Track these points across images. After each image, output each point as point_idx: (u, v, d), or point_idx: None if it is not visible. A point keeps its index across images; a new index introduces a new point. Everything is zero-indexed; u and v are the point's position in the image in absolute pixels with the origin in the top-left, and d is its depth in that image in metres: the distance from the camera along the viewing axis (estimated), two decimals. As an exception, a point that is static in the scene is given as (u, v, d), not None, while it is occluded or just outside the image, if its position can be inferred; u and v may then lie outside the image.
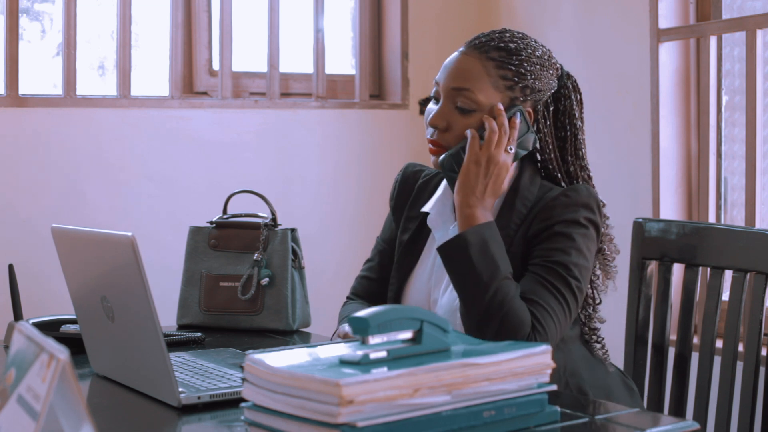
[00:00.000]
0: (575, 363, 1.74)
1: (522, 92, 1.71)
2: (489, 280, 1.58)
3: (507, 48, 1.71)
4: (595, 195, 1.71)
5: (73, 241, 1.63)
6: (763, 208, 2.74)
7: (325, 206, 3.31)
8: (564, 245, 1.65)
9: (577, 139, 1.77)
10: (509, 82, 1.70)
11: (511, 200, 1.72)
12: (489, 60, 1.70)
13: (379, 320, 1.18)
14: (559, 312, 1.62)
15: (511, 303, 1.57)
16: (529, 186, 1.72)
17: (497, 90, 1.70)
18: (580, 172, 1.77)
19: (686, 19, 2.95)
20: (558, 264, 1.64)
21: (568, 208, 1.67)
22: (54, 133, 2.93)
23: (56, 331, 1.86)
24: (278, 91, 3.26)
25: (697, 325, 2.34)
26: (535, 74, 1.71)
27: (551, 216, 1.67)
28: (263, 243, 2.15)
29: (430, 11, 3.47)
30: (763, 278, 1.82)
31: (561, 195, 1.69)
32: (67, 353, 0.92)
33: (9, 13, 2.88)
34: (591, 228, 1.68)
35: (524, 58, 1.71)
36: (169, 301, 2.16)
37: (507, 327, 1.55)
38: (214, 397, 1.45)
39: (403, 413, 1.12)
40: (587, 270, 1.67)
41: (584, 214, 1.68)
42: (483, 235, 1.61)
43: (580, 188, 1.70)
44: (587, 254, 1.67)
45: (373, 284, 1.90)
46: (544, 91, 1.73)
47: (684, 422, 1.33)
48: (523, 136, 1.71)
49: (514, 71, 1.70)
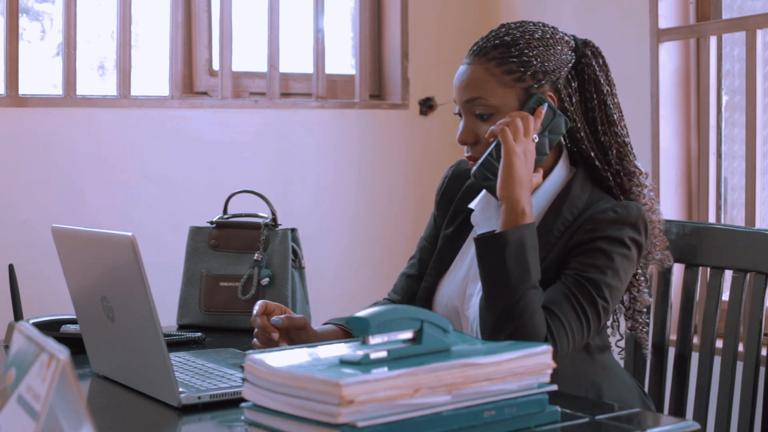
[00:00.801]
0: (597, 373, 1.73)
1: (534, 79, 1.68)
2: (516, 286, 1.56)
3: (504, 42, 1.69)
4: (644, 214, 1.67)
5: (73, 241, 1.63)
6: (763, 208, 2.74)
7: (325, 206, 3.31)
8: (602, 263, 1.62)
9: (606, 104, 1.72)
10: (516, 74, 1.67)
11: (559, 205, 1.68)
12: (490, 61, 1.68)
13: (380, 320, 1.18)
14: (576, 330, 1.59)
15: (531, 314, 1.55)
16: (579, 193, 1.68)
17: (507, 87, 1.67)
18: (613, 142, 1.71)
19: (686, 19, 2.95)
20: (590, 281, 1.61)
21: (614, 224, 1.64)
22: (54, 133, 2.93)
23: (56, 331, 1.86)
24: (278, 91, 3.26)
25: (697, 325, 2.33)
26: (541, 56, 1.68)
27: (596, 229, 1.63)
28: (263, 243, 2.15)
29: (430, 11, 3.47)
30: (763, 278, 1.82)
31: (610, 210, 1.65)
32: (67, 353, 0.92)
33: (9, 13, 2.88)
34: (633, 249, 1.65)
35: (523, 46, 1.68)
36: (169, 301, 2.16)
37: (521, 335, 1.54)
38: (214, 397, 1.45)
39: (403, 413, 1.12)
40: (619, 291, 1.64)
41: (629, 233, 1.64)
42: (522, 238, 1.57)
43: (631, 206, 1.66)
44: (622, 276, 1.64)
45: (411, 281, 1.88)
46: (558, 69, 1.69)
47: (684, 422, 1.33)
48: (552, 122, 1.66)
49: (517, 62, 1.68)
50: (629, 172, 1.72)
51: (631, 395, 1.76)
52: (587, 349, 1.72)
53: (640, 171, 1.73)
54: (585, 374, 1.70)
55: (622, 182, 1.71)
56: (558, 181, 1.72)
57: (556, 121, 1.67)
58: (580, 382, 1.69)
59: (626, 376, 1.80)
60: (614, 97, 1.74)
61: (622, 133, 1.73)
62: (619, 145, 1.72)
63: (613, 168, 1.71)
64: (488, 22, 3.46)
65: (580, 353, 1.70)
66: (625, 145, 1.73)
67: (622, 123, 1.74)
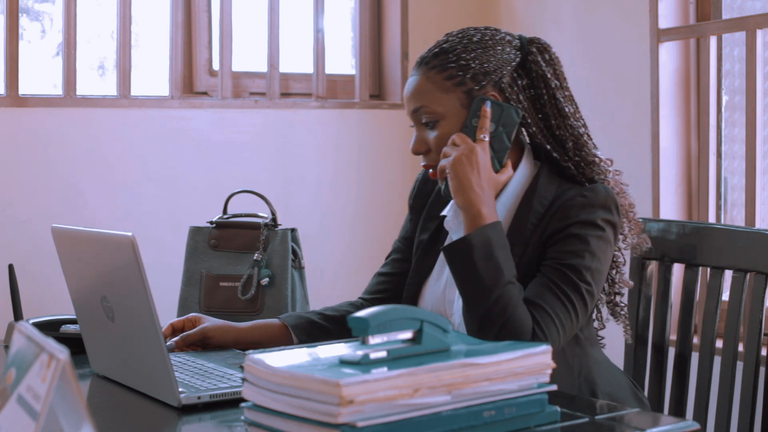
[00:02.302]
0: (590, 367, 1.73)
1: (474, 81, 1.69)
2: (492, 285, 1.57)
3: (443, 50, 1.72)
4: (613, 194, 1.69)
5: (73, 241, 1.63)
6: (763, 208, 2.74)
7: (325, 206, 3.31)
8: (578, 248, 1.63)
9: (556, 98, 1.73)
10: (456, 78, 1.69)
11: (528, 200, 1.70)
12: (431, 70, 1.71)
13: (379, 320, 1.18)
14: (564, 318, 1.60)
15: (513, 309, 1.56)
16: (547, 185, 1.70)
17: (448, 92, 1.70)
18: (568, 134, 1.72)
19: (686, 19, 2.95)
20: (570, 267, 1.62)
21: (585, 208, 1.65)
22: (54, 133, 2.93)
23: (56, 331, 1.86)
24: (278, 91, 3.26)
25: (697, 325, 2.33)
26: (480, 58, 1.70)
27: (567, 216, 1.65)
28: (263, 243, 2.15)
29: (430, 11, 3.47)
30: (763, 278, 1.82)
31: (578, 195, 1.66)
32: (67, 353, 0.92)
33: (9, 13, 2.88)
34: (608, 229, 1.66)
35: (461, 50, 1.70)
36: (169, 301, 2.16)
37: (507, 332, 1.55)
38: (214, 397, 1.45)
39: (403, 413, 1.12)
40: (600, 273, 1.65)
41: (601, 215, 1.65)
42: (487, 238, 1.59)
43: (598, 188, 1.68)
44: (601, 257, 1.65)
45: (383, 278, 1.90)
46: (499, 68, 1.71)
47: (684, 422, 1.33)
48: (502, 116, 1.68)
49: (455, 67, 1.70)
50: (589, 161, 1.73)
51: (624, 389, 1.77)
52: (579, 343, 1.72)
53: (601, 159, 1.75)
54: (578, 369, 1.71)
55: (584, 171, 1.72)
56: (524, 177, 1.73)
57: (506, 114, 1.69)
58: (574, 376, 1.70)
59: (616, 370, 1.81)
60: (565, 90, 1.75)
61: (576, 125, 1.74)
62: (575, 137, 1.73)
63: (573, 159, 1.72)
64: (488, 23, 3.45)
65: (573, 348, 1.70)
66: (581, 137, 1.74)
67: (577, 115, 1.75)
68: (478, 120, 1.67)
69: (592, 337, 1.77)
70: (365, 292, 1.93)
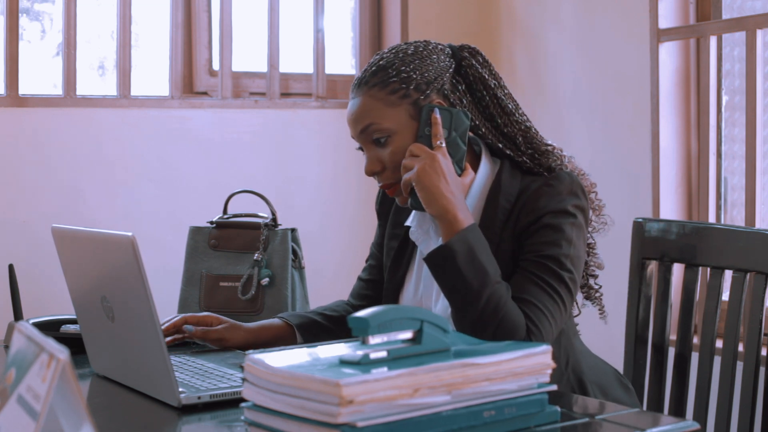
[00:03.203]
0: (576, 357, 1.74)
1: (418, 91, 1.69)
2: (480, 288, 1.57)
3: (380, 67, 1.71)
4: (577, 179, 1.70)
5: (73, 241, 1.63)
6: (763, 208, 2.74)
7: (325, 206, 3.31)
8: (553, 237, 1.64)
9: (497, 97, 1.74)
10: (400, 91, 1.69)
11: (494, 196, 1.70)
12: (372, 88, 1.70)
13: (379, 320, 1.18)
14: (554, 309, 1.61)
15: (504, 309, 1.56)
16: (510, 181, 1.70)
17: (395, 106, 1.69)
18: (516, 130, 1.73)
19: (686, 19, 2.95)
20: (549, 258, 1.63)
21: (553, 198, 1.66)
22: (54, 133, 2.93)
23: (56, 331, 1.86)
24: (278, 91, 3.26)
25: (697, 325, 2.34)
26: (419, 69, 1.70)
27: (537, 208, 1.65)
28: (263, 243, 2.15)
29: (430, 11, 3.47)
30: (763, 278, 1.82)
31: (544, 185, 1.67)
32: (67, 353, 0.92)
33: (9, 13, 2.89)
34: (579, 214, 1.67)
35: (399, 64, 1.70)
36: (169, 301, 2.16)
37: (502, 332, 1.55)
38: (214, 397, 1.45)
39: (403, 413, 1.12)
40: (579, 259, 1.66)
41: (571, 201, 1.66)
42: (468, 242, 1.59)
43: (562, 175, 1.68)
44: (577, 243, 1.66)
45: (364, 284, 1.93)
46: (439, 76, 1.71)
47: (684, 422, 1.33)
48: (452, 120, 1.68)
49: (397, 81, 1.69)
50: (542, 151, 1.73)
51: (609, 377, 1.79)
52: (563, 334, 1.73)
53: (553, 146, 1.76)
54: (565, 360, 1.72)
55: (540, 161, 1.72)
56: (486, 176, 1.73)
57: (455, 117, 1.69)
58: (561, 367, 1.71)
59: (598, 359, 1.82)
60: (503, 89, 1.77)
61: (522, 119, 1.76)
62: (522, 132, 1.74)
63: (526, 153, 1.73)
64: (488, 23, 3.46)
65: (558, 339, 1.71)
66: (528, 130, 1.75)
67: (519, 111, 1.77)
68: (430, 128, 1.68)
69: (573, 326, 1.78)
70: (352, 296, 1.96)
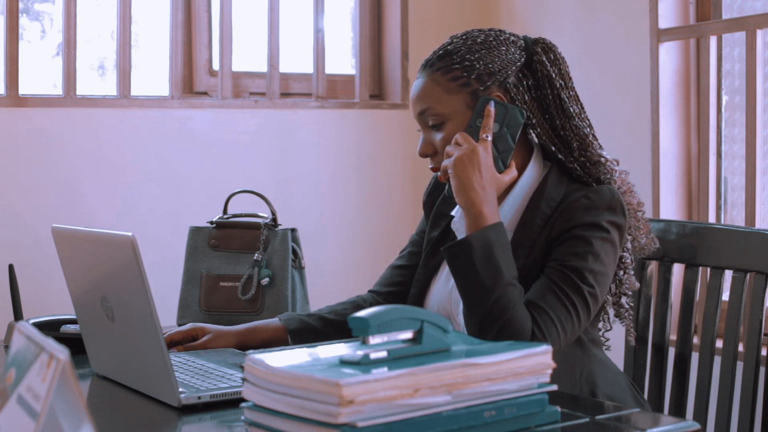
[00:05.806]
0: (592, 369, 1.73)
1: (479, 81, 1.69)
2: (492, 287, 1.57)
3: (446, 52, 1.72)
4: (618, 195, 1.67)
5: (73, 241, 1.63)
6: (763, 208, 2.74)
7: (325, 206, 3.31)
8: (581, 250, 1.62)
9: (561, 98, 1.72)
10: (461, 79, 1.70)
11: (536, 200, 1.69)
12: (435, 72, 1.72)
13: (380, 320, 1.18)
14: (565, 320, 1.59)
15: (513, 311, 1.56)
16: (555, 187, 1.69)
17: (453, 93, 1.70)
18: (573, 135, 1.71)
19: (686, 19, 2.95)
20: (572, 269, 1.61)
21: (589, 210, 1.64)
22: (54, 133, 2.93)
23: (56, 331, 1.86)
24: (278, 91, 3.26)
25: (697, 325, 2.33)
26: (484, 59, 1.70)
27: (572, 218, 1.64)
28: (263, 243, 2.15)
29: (430, 11, 3.47)
30: (763, 278, 1.82)
31: (583, 197, 1.65)
32: (67, 353, 0.92)
33: (9, 13, 2.88)
34: (613, 231, 1.65)
35: (465, 51, 1.71)
36: (169, 301, 2.16)
37: (507, 333, 1.55)
38: (214, 397, 1.44)
39: (403, 413, 1.12)
40: (604, 276, 1.64)
41: (606, 217, 1.64)
42: (488, 239, 1.58)
43: (603, 189, 1.66)
44: (605, 259, 1.63)
45: (398, 270, 1.92)
46: (504, 69, 1.71)
47: (684, 422, 1.33)
48: (506, 116, 1.68)
49: (460, 68, 1.70)
50: (594, 161, 1.71)
51: (625, 392, 1.76)
52: (581, 345, 1.72)
53: (607, 159, 1.73)
54: (580, 369, 1.71)
55: (590, 171, 1.71)
56: (532, 179, 1.73)
57: (510, 114, 1.68)
58: (575, 376, 1.70)
59: (619, 373, 1.80)
60: (570, 90, 1.74)
61: (582, 125, 1.73)
62: (579, 138, 1.72)
63: (578, 160, 1.71)
64: (488, 23, 3.46)
65: (575, 349, 1.70)
66: (587, 137, 1.73)
67: (583, 115, 1.75)
68: (481, 120, 1.68)
69: (596, 338, 1.76)
70: (378, 284, 1.93)
